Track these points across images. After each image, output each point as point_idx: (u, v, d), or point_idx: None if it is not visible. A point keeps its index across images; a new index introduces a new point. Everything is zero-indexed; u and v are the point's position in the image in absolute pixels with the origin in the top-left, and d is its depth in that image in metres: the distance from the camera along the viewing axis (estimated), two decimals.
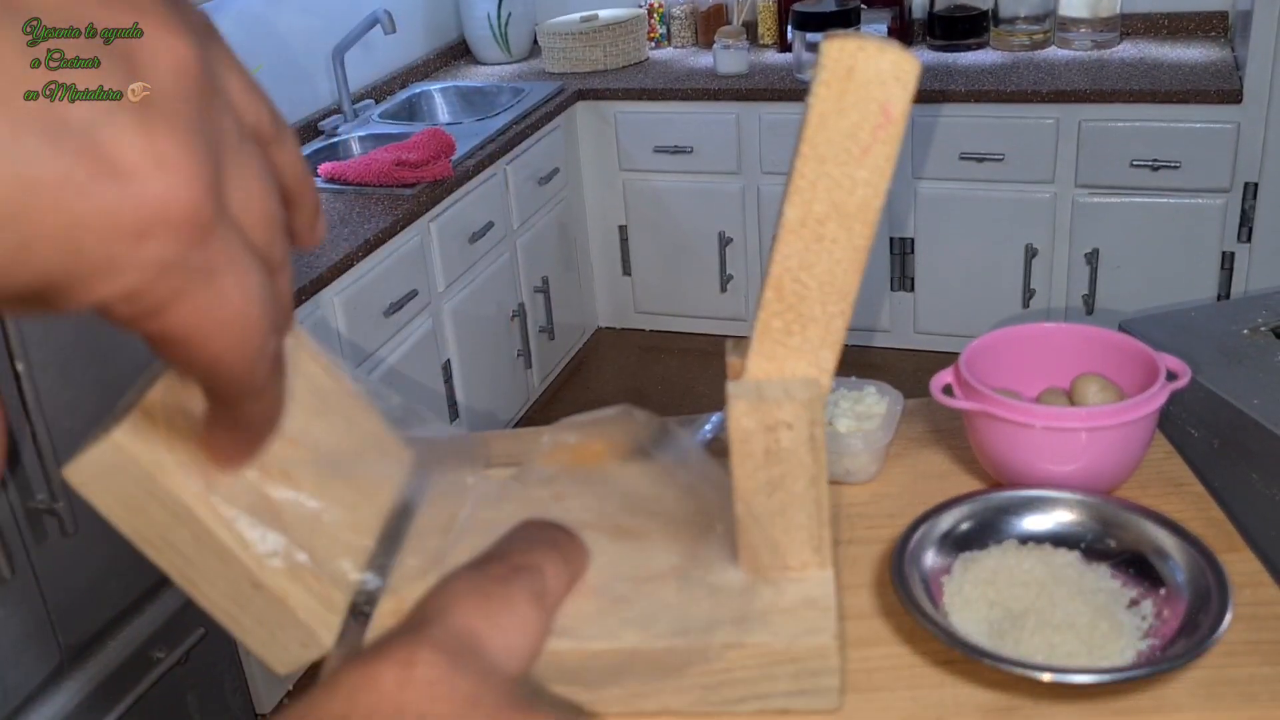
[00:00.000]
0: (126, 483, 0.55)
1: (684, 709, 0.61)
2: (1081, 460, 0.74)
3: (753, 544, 0.61)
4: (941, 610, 0.64)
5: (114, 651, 2.12)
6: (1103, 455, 0.74)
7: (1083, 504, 0.71)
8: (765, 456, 0.59)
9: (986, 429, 0.77)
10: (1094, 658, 0.61)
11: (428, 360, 3.16)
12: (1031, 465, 0.75)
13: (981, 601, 0.65)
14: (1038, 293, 3.64)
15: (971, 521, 0.71)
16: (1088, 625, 0.62)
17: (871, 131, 0.50)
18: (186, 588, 0.58)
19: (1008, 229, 3.58)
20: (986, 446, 0.77)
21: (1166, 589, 0.66)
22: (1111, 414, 0.73)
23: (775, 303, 0.56)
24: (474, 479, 0.74)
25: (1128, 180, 3.39)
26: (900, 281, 3.82)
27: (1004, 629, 0.63)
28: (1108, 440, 0.73)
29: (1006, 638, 0.62)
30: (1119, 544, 0.69)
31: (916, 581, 0.65)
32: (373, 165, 3.08)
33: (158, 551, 0.57)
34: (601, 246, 4.18)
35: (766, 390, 0.58)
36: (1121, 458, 0.75)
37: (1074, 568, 0.67)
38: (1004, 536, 0.70)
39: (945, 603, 0.65)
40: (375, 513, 0.67)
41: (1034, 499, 0.71)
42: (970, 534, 0.70)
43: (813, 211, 0.53)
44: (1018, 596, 0.65)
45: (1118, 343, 0.79)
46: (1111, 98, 3.34)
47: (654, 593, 0.61)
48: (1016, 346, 0.83)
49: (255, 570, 0.58)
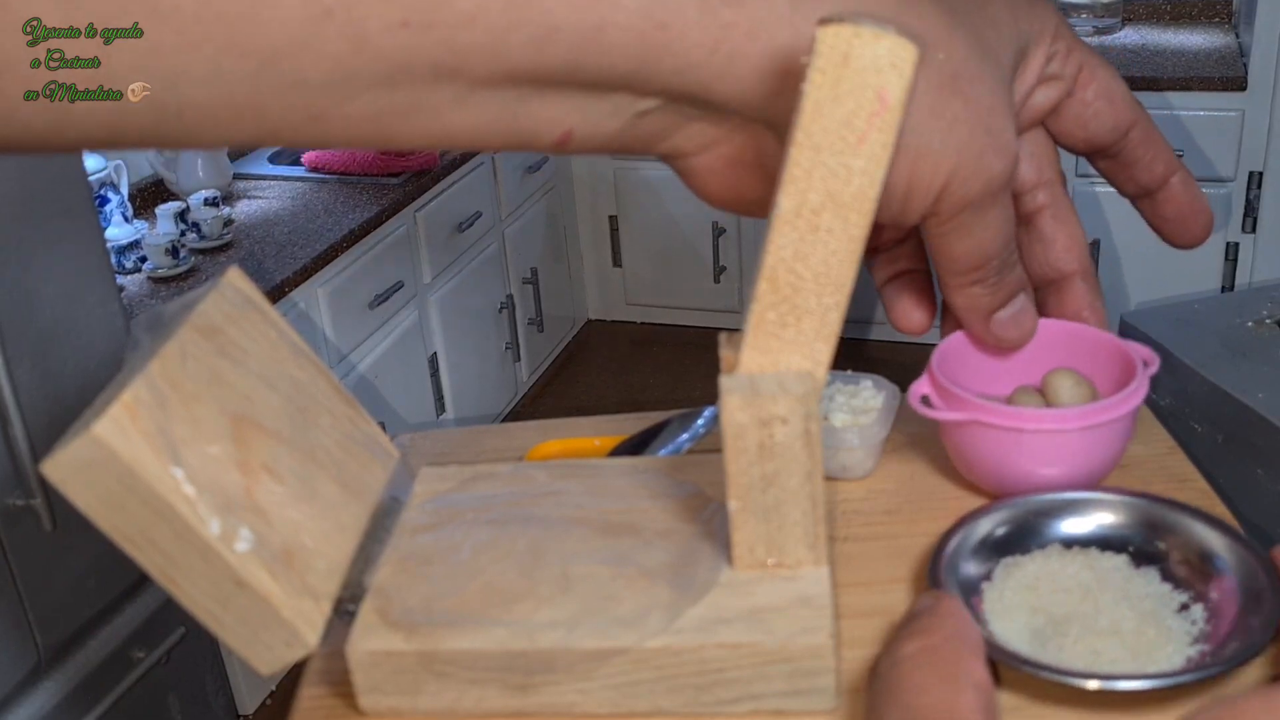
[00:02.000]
0: (107, 479, 0.55)
1: (676, 709, 0.61)
2: (1073, 461, 0.73)
3: (746, 540, 0.61)
4: (981, 618, 0.63)
5: (93, 651, 2.12)
6: (1093, 453, 0.74)
7: (1126, 505, 0.70)
8: (759, 452, 0.59)
9: (972, 437, 0.76)
10: (1140, 664, 0.60)
11: (414, 353, 3.16)
12: (1021, 470, 0.75)
13: (1023, 608, 0.64)
14: None
15: (1010, 526, 0.71)
16: (1134, 631, 0.62)
17: (867, 119, 0.51)
18: (168, 586, 0.58)
19: None
20: (972, 454, 0.77)
21: (1219, 592, 0.65)
22: (1101, 411, 0.73)
23: (769, 294, 0.56)
24: (458, 472, 0.74)
25: None
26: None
27: (1046, 636, 0.62)
28: (1097, 438, 0.73)
29: (1049, 645, 0.62)
30: (1168, 546, 0.68)
31: (954, 590, 0.64)
32: (357, 154, 3.08)
33: (138, 549, 0.57)
34: (592, 237, 4.18)
35: (760, 384, 0.58)
36: (1110, 453, 0.75)
37: (1121, 572, 0.66)
38: (1046, 540, 0.69)
39: (985, 609, 0.64)
40: (361, 510, 0.67)
41: (1074, 501, 0.71)
42: (1010, 538, 0.70)
43: (807, 201, 0.53)
44: (1061, 602, 0.64)
45: (1083, 335, 0.79)
46: None
47: (645, 589, 0.62)
48: (983, 346, 0.83)
49: (237, 568, 0.58)
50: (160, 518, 0.56)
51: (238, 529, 0.58)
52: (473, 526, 0.68)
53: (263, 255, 2.70)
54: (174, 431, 0.57)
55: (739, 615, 0.60)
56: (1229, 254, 3.39)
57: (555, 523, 0.68)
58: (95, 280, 2.00)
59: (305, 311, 2.69)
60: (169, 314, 0.63)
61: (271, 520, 0.60)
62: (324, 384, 0.69)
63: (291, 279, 2.59)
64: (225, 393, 0.62)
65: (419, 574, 0.65)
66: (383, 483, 0.70)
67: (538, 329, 3.80)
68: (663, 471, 0.72)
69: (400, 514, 0.71)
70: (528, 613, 0.62)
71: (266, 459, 0.62)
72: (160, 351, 0.59)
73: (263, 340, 0.67)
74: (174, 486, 0.56)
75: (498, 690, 0.61)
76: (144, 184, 2.97)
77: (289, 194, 3.02)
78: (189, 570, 0.58)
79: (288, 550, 0.60)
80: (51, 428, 1.89)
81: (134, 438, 0.55)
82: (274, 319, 0.69)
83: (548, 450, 0.90)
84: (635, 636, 0.60)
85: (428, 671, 0.61)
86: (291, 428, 0.65)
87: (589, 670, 0.60)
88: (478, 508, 0.70)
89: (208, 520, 0.57)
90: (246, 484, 0.60)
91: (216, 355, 0.62)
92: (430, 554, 0.66)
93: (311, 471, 0.64)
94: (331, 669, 0.66)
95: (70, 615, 2.06)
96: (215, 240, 2.74)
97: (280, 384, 0.66)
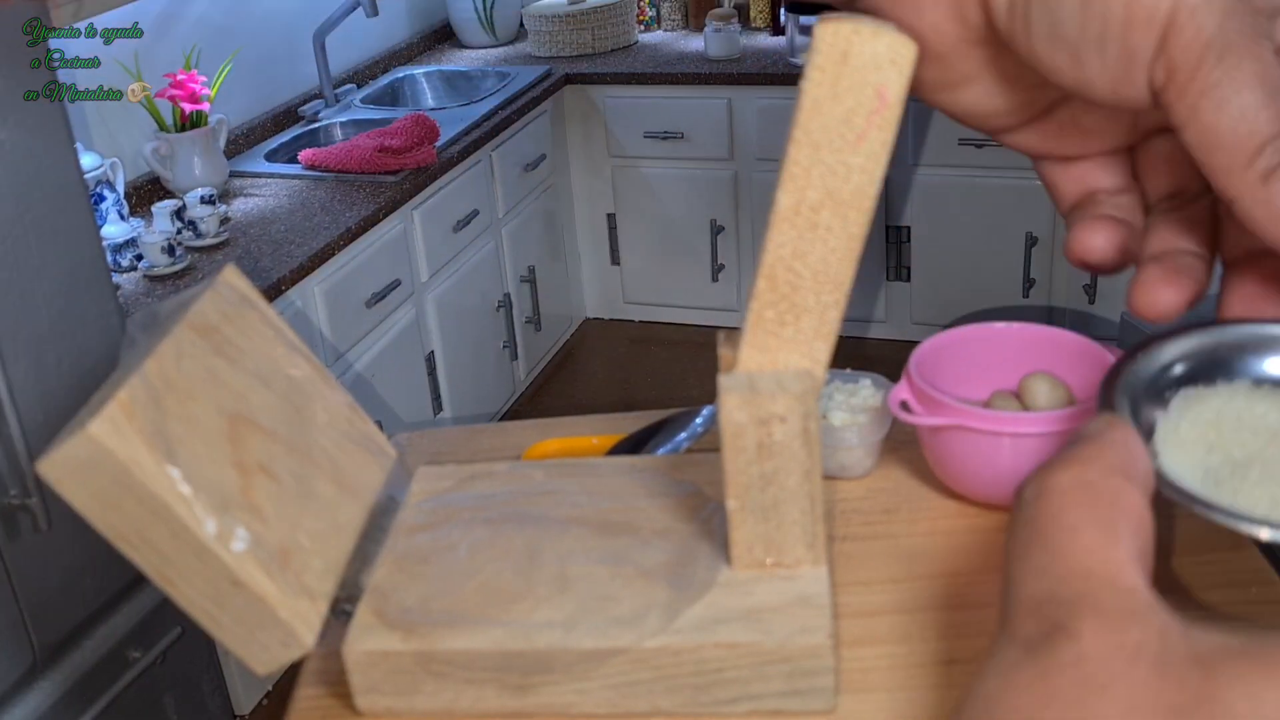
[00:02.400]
0: (102, 478, 0.55)
1: (675, 709, 0.61)
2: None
3: (745, 540, 0.61)
4: (1150, 450, 0.56)
5: (89, 651, 2.12)
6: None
7: None
8: (758, 450, 0.59)
9: (951, 442, 0.76)
10: None
11: (411, 352, 3.16)
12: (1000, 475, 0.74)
13: (1200, 444, 0.58)
14: (1038, 283, 3.65)
15: (1198, 357, 0.63)
16: None
17: (867, 117, 0.51)
18: (164, 586, 0.58)
19: (1008, 217, 3.58)
20: (950, 460, 0.77)
21: None
22: (1085, 413, 0.72)
23: (768, 293, 0.56)
24: (455, 471, 0.74)
25: None
26: (896, 271, 3.83)
27: (1221, 477, 0.57)
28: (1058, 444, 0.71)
29: (1224, 487, 0.56)
30: None
31: (1126, 413, 0.58)
32: (354, 152, 3.07)
33: (134, 549, 0.57)
34: (589, 235, 4.18)
35: (759, 383, 0.58)
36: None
37: None
38: (1236, 376, 0.62)
39: (1156, 441, 0.58)
40: (357, 509, 0.67)
41: (1274, 338, 0.62)
42: (1196, 370, 0.62)
43: (806, 199, 0.53)
44: (1243, 443, 0.58)
45: (1060, 339, 0.79)
46: None
47: (644, 589, 0.62)
48: (959, 351, 0.82)
49: (234, 568, 0.58)
50: (156, 517, 0.56)
51: (234, 528, 0.58)
52: (470, 526, 0.68)
53: (259, 253, 2.70)
54: (170, 430, 0.57)
55: (737, 615, 0.60)
56: None
57: (552, 522, 0.68)
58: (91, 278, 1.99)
59: (302, 310, 2.69)
60: (164, 312, 0.63)
61: (268, 520, 0.60)
62: (320, 383, 0.69)
63: (288, 277, 2.59)
64: (221, 391, 0.62)
65: (416, 574, 0.65)
66: (380, 482, 0.70)
67: (535, 327, 3.80)
68: (660, 470, 0.72)
69: (397, 513, 0.71)
70: (525, 613, 0.62)
71: (263, 458, 0.62)
72: (156, 350, 0.59)
73: (259, 339, 0.66)
74: (170, 485, 0.56)
75: (495, 690, 0.61)
76: (140, 182, 2.96)
77: (285, 192, 3.02)
78: (185, 570, 0.58)
79: (284, 550, 0.60)
80: (47, 426, 1.89)
81: (130, 436, 0.55)
82: (270, 317, 0.69)
83: (545, 449, 0.90)
84: (633, 636, 0.60)
85: (425, 672, 0.61)
86: (288, 427, 0.65)
87: (587, 670, 0.60)
88: (475, 507, 0.70)
89: (204, 520, 0.57)
90: (242, 483, 0.60)
91: (212, 354, 0.62)
92: (427, 553, 0.66)
93: (308, 470, 0.64)
94: (328, 669, 0.66)
95: (66, 615, 2.06)
96: (212, 238, 2.74)
97: (276, 383, 0.66)
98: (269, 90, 3.48)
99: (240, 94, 3.30)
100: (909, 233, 3.73)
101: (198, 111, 2.94)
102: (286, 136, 3.40)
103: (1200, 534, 0.75)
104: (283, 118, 3.50)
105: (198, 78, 2.93)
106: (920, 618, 0.69)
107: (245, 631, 0.60)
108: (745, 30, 4.02)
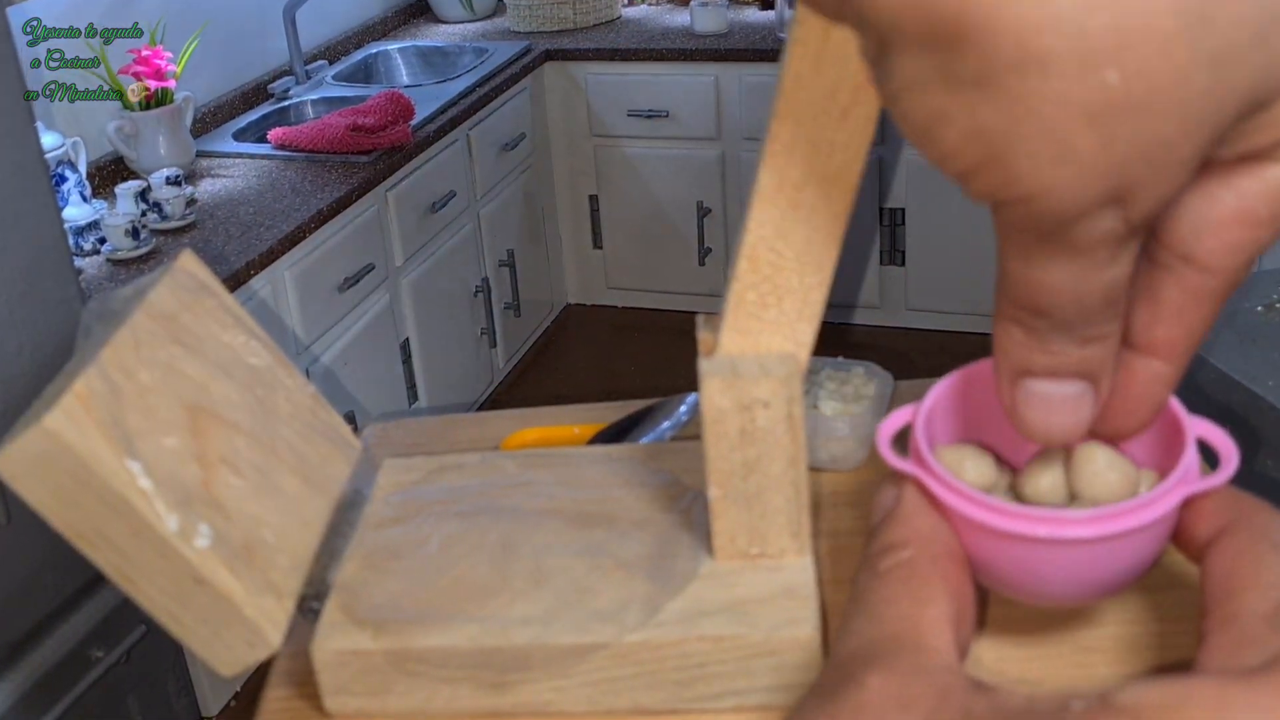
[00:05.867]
0: (59, 473, 0.55)
1: (657, 706, 0.61)
2: (1091, 573, 0.52)
3: (728, 530, 0.61)
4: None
5: (50, 651, 2.12)
6: (1119, 564, 0.52)
7: None
8: (740, 437, 0.59)
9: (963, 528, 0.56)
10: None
11: (385, 339, 3.16)
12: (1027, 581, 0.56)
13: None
14: None
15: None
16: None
17: (851, 92, 0.50)
18: (124, 585, 0.58)
19: None
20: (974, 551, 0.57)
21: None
22: (1134, 512, 0.50)
23: (749, 274, 0.56)
24: (424, 462, 0.74)
25: None
26: (890, 255, 3.83)
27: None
28: (1124, 547, 0.52)
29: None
30: None
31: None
32: (326, 130, 3.06)
33: (93, 547, 0.57)
34: (571, 218, 4.18)
35: (741, 367, 0.58)
36: (1141, 560, 0.53)
37: None
38: None
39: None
40: (323, 503, 0.67)
41: None
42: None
43: (789, 177, 0.53)
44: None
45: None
46: None
47: (623, 582, 0.62)
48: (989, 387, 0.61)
49: (197, 565, 0.57)
50: (116, 513, 0.56)
51: (197, 524, 0.58)
52: (441, 519, 0.68)
53: (227, 236, 2.69)
54: (128, 423, 0.57)
55: (721, 607, 0.60)
56: None
57: (527, 514, 0.68)
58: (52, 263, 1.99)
59: (271, 295, 2.68)
60: (120, 300, 0.63)
61: (231, 515, 0.60)
62: (282, 372, 0.69)
63: (257, 261, 2.59)
64: (181, 382, 0.61)
65: (386, 569, 0.65)
66: (345, 475, 0.70)
67: (514, 314, 3.80)
68: (636, 459, 0.72)
69: (364, 507, 0.70)
70: (501, 608, 0.62)
71: (225, 451, 0.62)
72: (112, 339, 0.59)
73: (218, 327, 0.66)
74: (130, 480, 0.56)
75: (470, 689, 0.61)
76: (103, 162, 2.95)
77: (254, 173, 3.01)
78: (146, 568, 0.58)
79: (249, 546, 0.60)
80: (6, 416, 1.88)
81: (87, 429, 0.55)
82: (229, 304, 0.68)
83: (525, 439, 0.90)
84: (614, 631, 0.60)
85: (397, 671, 0.61)
86: (250, 418, 0.65)
87: (566, 667, 0.60)
88: (445, 500, 0.70)
89: (165, 516, 0.56)
90: (204, 477, 0.59)
91: (171, 343, 0.62)
92: (397, 548, 0.66)
93: (272, 464, 0.64)
94: (296, 669, 0.66)
95: (25, 613, 2.05)
96: (177, 221, 2.73)
97: (237, 372, 0.66)
98: (237, 66, 3.47)
99: (207, 70, 3.29)
100: (903, 215, 3.74)
101: (163, 89, 2.92)
102: (255, 115, 3.39)
103: None
104: (251, 95, 3.48)
105: (163, 53, 2.91)
106: None
107: (209, 632, 0.60)
108: (733, 4, 4.02)
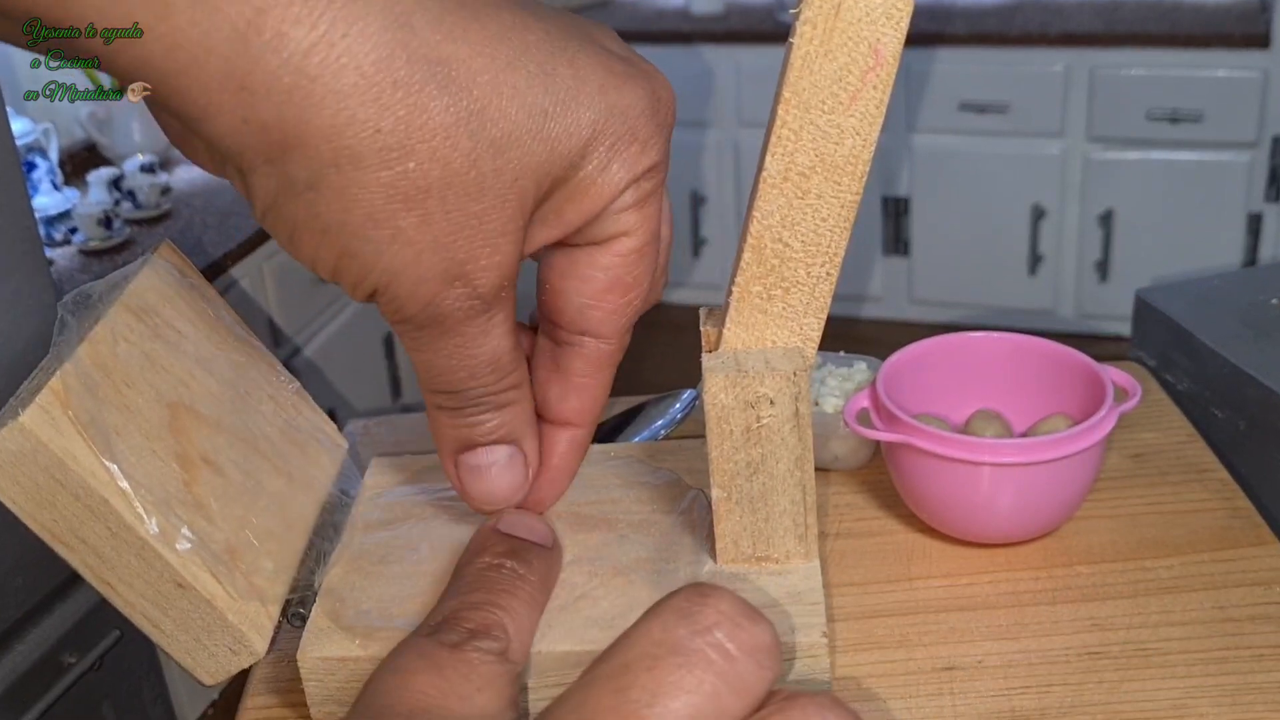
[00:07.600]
0: (34, 472, 0.54)
1: None
2: (1012, 498, 0.71)
3: (731, 533, 0.61)
4: None
5: (20, 656, 2.11)
6: (1040, 493, 0.71)
7: None
8: (745, 436, 0.59)
9: (914, 465, 0.73)
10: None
11: (368, 333, 3.15)
12: (974, 507, 0.73)
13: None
14: (1045, 258, 3.65)
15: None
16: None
17: (860, 75, 0.50)
18: (102, 589, 0.58)
19: (1012, 187, 3.59)
20: (915, 485, 0.74)
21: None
22: (1067, 441, 0.70)
23: (754, 265, 0.56)
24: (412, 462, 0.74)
25: (1144, 134, 3.41)
26: (894, 245, 3.83)
27: None
28: (1046, 475, 0.70)
29: None
30: None
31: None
32: None
33: (69, 549, 0.57)
34: None
35: (746, 362, 0.57)
36: (1062, 494, 0.72)
37: None
38: None
39: None
40: (308, 504, 0.67)
41: None
42: None
43: (796, 164, 0.53)
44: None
45: (1055, 354, 0.77)
46: (1127, 41, 3.35)
47: (622, 588, 0.61)
48: (939, 362, 0.80)
49: (179, 569, 0.57)
50: (93, 514, 0.56)
51: (178, 526, 0.57)
52: (430, 522, 0.68)
53: (203, 226, 2.68)
54: (107, 420, 0.56)
55: None
56: (1252, 226, 3.39)
57: None
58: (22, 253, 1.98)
59: (250, 288, 2.68)
60: (97, 293, 0.63)
61: (213, 517, 0.60)
62: (265, 367, 0.69)
63: (235, 252, 2.58)
64: (161, 378, 0.61)
65: (374, 574, 0.65)
66: (330, 475, 0.70)
67: None
68: (635, 458, 0.72)
69: (351, 509, 0.70)
70: None
71: (206, 450, 0.61)
72: (90, 335, 0.58)
73: (199, 321, 0.66)
74: (108, 480, 0.55)
75: None
76: (75, 148, 2.94)
77: None
78: (125, 572, 0.58)
79: (231, 549, 0.60)
80: None
81: (64, 428, 0.55)
82: (211, 297, 0.68)
83: None
84: (613, 638, 0.60)
85: None
86: (232, 416, 0.64)
87: (562, 675, 0.60)
88: (434, 501, 0.70)
89: (145, 517, 0.56)
90: (185, 477, 0.59)
91: (150, 338, 0.62)
92: (385, 552, 0.66)
93: (255, 463, 0.64)
94: (280, 677, 0.66)
95: None
96: (152, 210, 2.72)
97: (219, 368, 0.65)
98: None
99: None
100: (908, 204, 3.74)
101: None
102: None
103: (1221, 531, 0.75)
104: None
105: None
106: (919, 621, 0.69)
107: (191, 638, 0.60)
108: None
